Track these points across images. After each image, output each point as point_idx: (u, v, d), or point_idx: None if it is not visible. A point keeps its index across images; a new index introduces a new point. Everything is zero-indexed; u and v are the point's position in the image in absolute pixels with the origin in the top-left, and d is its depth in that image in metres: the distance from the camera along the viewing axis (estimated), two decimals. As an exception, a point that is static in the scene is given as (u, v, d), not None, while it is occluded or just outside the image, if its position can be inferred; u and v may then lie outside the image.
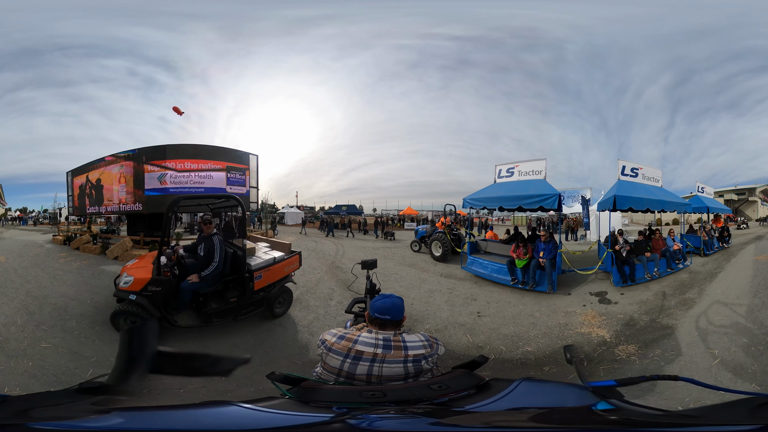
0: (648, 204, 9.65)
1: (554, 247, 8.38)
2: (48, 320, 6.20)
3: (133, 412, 1.11)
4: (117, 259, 11.65)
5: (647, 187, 9.91)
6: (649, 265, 9.22)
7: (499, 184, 10.18)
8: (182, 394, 3.89)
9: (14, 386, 4.03)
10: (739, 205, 43.02)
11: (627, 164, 9.81)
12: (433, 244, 12.08)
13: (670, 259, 10.07)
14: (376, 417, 1.08)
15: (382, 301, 1.88)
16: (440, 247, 11.87)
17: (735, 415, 1.04)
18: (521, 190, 9.25)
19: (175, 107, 16.16)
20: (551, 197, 8.31)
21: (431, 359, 1.81)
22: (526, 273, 8.41)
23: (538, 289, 8.14)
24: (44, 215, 38.49)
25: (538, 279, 8.22)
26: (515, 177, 9.91)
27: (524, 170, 9.78)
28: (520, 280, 8.49)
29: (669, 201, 10.20)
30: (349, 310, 3.43)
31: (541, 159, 9.53)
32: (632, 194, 9.15)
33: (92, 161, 16.09)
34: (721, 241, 14.83)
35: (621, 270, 8.65)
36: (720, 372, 4.23)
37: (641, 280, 8.83)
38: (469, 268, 9.93)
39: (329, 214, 30.10)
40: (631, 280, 8.69)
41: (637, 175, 9.89)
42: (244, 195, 14.79)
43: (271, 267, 5.65)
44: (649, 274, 9.04)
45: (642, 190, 9.61)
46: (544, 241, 8.39)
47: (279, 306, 5.96)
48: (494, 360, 4.99)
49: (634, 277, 8.81)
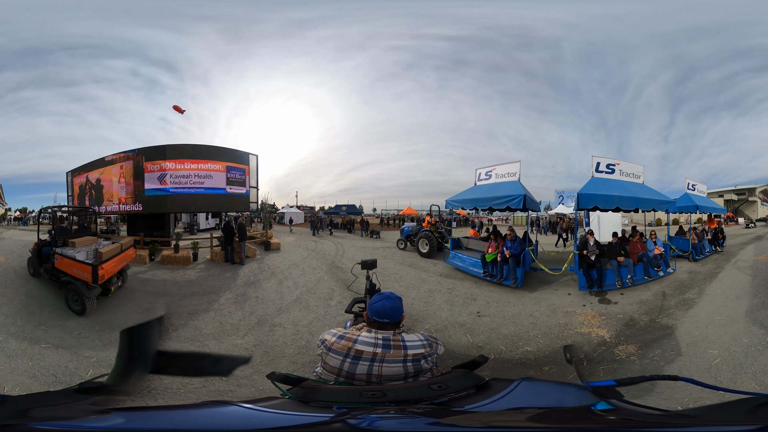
0: (618, 202, 8.82)
1: (520, 245, 8.92)
2: (48, 320, 6.20)
3: (133, 412, 1.11)
4: (117, 259, 11.65)
5: (624, 183, 9.25)
6: (622, 270, 8.50)
7: (478, 186, 10.87)
8: (182, 394, 3.90)
9: (14, 386, 4.04)
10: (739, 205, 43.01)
11: (602, 160, 9.38)
12: (420, 241, 12.88)
13: (648, 265, 9.03)
14: (377, 417, 1.08)
15: (380, 304, 1.88)
16: (426, 244, 12.64)
17: (734, 415, 1.04)
18: (492, 192, 9.87)
19: (175, 106, 16.14)
20: (516, 198, 8.86)
21: (431, 358, 1.81)
22: (494, 267, 9.04)
23: (504, 282, 8.67)
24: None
25: (505, 274, 8.74)
26: (492, 179, 10.54)
27: (500, 173, 10.37)
28: (490, 273, 9.11)
29: (645, 198, 9.25)
30: (349, 310, 3.43)
31: (515, 162, 9.98)
32: (599, 192, 8.66)
33: (92, 161, 16.10)
34: (714, 244, 13.36)
35: (587, 274, 8.26)
36: (720, 372, 4.23)
37: (610, 287, 8.23)
38: (450, 262, 10.79)
39: (329, 214, 30.27)
40: (598, 285, 8.18)
41: (613, 171, 9.39)
42: (244, 195, 14.79)
43: (64, 258, 7.14)
44: (620, 281, 8.33)
45: (616, 187, 8.99)
46: (511, 240, 8.99)
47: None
48: (494, 360, 4.99)
49: (602, 282, 8.26)
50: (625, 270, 8.54)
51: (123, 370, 1.30)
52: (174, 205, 13.46)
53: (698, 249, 11.73)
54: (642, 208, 9.91)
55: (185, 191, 13.15)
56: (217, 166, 13.76)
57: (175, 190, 13.02)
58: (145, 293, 8.30)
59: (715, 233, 14.17)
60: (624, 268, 8.54)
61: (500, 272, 8.83)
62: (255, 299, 7.78)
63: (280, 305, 7.37)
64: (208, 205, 14.73)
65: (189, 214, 23.14)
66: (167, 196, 13.00)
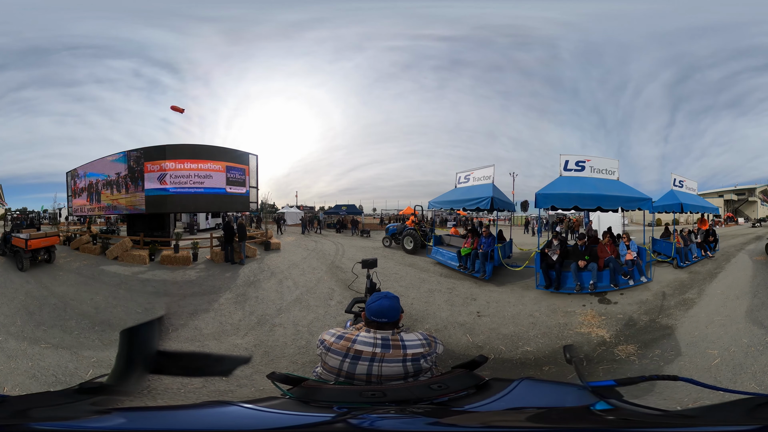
0: (576, 200, 8.54)
1: (492, 242, 9.66)
2: (48, 320, 6.21)
3: (134, 413, 1.11)
4: (117, 259, 11.65)
5: (590, 181, 8.99)
6: (584, 275, 8.09)
7: (457, 188, 11.66)
8: (182, 394, 3.90)
9: (14, 386, 4.04)
10: (739, 206, 43.02)
11: (571, 158, 9.23)
12: (405, 239, 13.80)
13: (615, 272, 8.21)
14: (377, 417, 1.08)
15: (377, 304, 1.88)
16: (411, 242, 13.52)
17: (734, 415, 1.04)
18: (467, 194, 10.61)
19: (173, 106, 16.03)
20: (485, 199, 9.62)
21: (430, 358, 1.81)
22: (468, 260, 9.77)
23: (474, 275, 9.38)
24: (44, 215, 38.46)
25: (477, 267, 9.39)
26: (470, 182, 11.25)
27: (477, 176, 11.06)
28: (464, 266, 9.86)
29: (609, 195, 8.65)
30: (349, 309, 3.42)
31: (490, 166, 10.72)
32: (558, 191, 8.61)
33: (92, 161, 16.10)
34: (704, 249, 11.75)
35: (546, 273, 8.23)
36: (719, 372, 4.23)
37: (568, 291, 8.01)
38: (432, 257, 11.82)
39: (328, 213, 30.34)
40: (555, 287, 8.06)
41: (583, 168, 9.17)
42: (244, 195, 14.79)
43: (15, 238, 10.62)
44: (579, 285, 7.97)
45: (579, 184, 8.80)
46: (485, 236, 9.78)
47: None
48: (494, 360, 4.99)
49: (559, 284, 8.11)
50: (588, 275, 8.10)
51: (123, 370, 1.31)
52: (174, 205, 13.47)
53: (683, 254, 10.46)
54: (605, 207, 9.23)
55: (185, 191, 13.15)
56: (217, 166, 13.76)
57: (175, 190, 13.02)
58: (146, 293, 8.31)
59: (706, 235, 12.57)
60: (587, 273, 8.13)
61: (473, 265, 9.55)
62: (255, 299, 7.78)
63: (280, 305, 7.37)
64: (208, 205, 14.73)
65: (189, 214, 23.13)
66: (167, 196, 13.01)
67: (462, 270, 9.87)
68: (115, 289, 8.39)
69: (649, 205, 8.98)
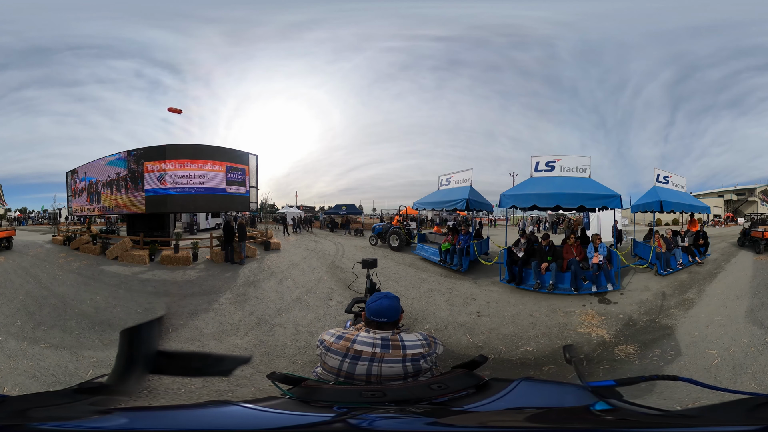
0: (535, 200, 8.62)
1: (469, 239, 10.66)
2: (48, 320, 6.21)
3: (134, 413, 1.11)
4: (117, 259, 11.65)
5: (556, 180, 8.95)
6: (545, 276, 8.21)
7: (439, 191, 12.51)
8: (183, 394, 3.90)
9: (14, 386, 4.04)
10: (739, 206, 42.93)
11: (542, 158, 9.32)
12: (391, 237, 14.84)
13: (576, 276, 7.98)
14: (377, 417, 1.08)
15: (377, 303, 1.88)
16: (397, 240, 14.60)
17: (734, 415, 1.04)
18: (447, 196, 11.41)
19: (170, 108, 15.92)
20: (461, 201, 10.44)
21: (430, 358, 1.81)
22: (447, 255, 10.71)
23: (452, 268, 10.33)
24: (44, 215, 38.45)
25: (456, 261, 10.29)
26: (451, 185, 11.98)
27: (457, 179, 11.78)
28: (443, 260, 10.78)
29: (570, 194, 8.44)
30: (349, 309, 3.42)
31: (468, 170, 11.41)
32: (519, 192, 8.94)
33: (93, 161, 16.10)
34: (692, 254, 10.41)
35: (509, 268, 8.77)
36: (719, 372, 4.23)
37: (526, 287, 8.32)
38: (417, 252, 12.73)
39: (328, 213, 30.36)
40: (516, 282, 8.43)
41: (553, 168, 9.17)
42: (244, 195, 14.79)
43: None
44: (539, 282, 8.17)
45: (543, 184, 8.86)
46: (464, 234, 10.79)
47: None
48: (494, 360, 4.99)
49: (521, 280, 8.45)
50: (549, 275, 8.21)
51: (123, 370, 1.30)
52: (174, 205, 13.46)
53: (663, 260, 9.35)
54: (564, 205, 8.97)
55: (185, 191, 13.14)
56: (216, 167, 13.76)
57: (175, 191, 13.02)
58: (145, 293, 8.31)
59: (696, 238, 11.21)
60: (548, 273, 8.24)
61: (451, 259, 10.49)
62: (255, 299, 7.78)
63: (280, 305, 7.37)
64: (208, 206, 14.73)
65: (189, 214, 23.13)
66: (167, 196, 13.00)
67: (442, 264, 10.73)
68: (115, 289, 8.39)
69: (618, 203, 8.44)
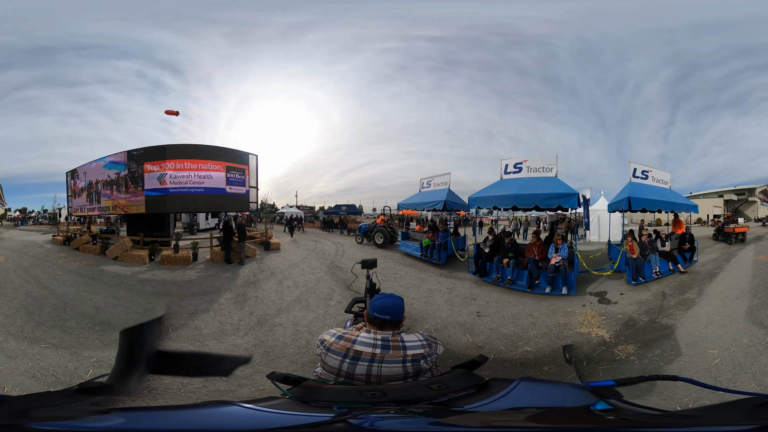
0: (496, 201, 9.11)
1: (446, 235, 11.78)
2: (48, 320, 6.21)
3: (134, 413, 1.11)
4: (117, 259, 11.65)
5: (521, 181, 9.09)
6: (506, 271, 8.70)
7: (421, 192, 13.38)
8: (182, 394, 3.90)
9: (14, 386, 4.04)
10: (739, 206, 42.89)
11: (510, 161, 9.57)
12: (376, 235, 15.86)
13: (530, 276, 8.07)
14: (377, 417, 1.08)
15: (382, 301, 1.88)
16: (381, 237, 15.60)
17: (734, 415, 1.04)
18: (428, 197, 12.30)
19: (167, 110, 15.88)
20: (439, 202, 11.26)
21: (430, 359, 1.81)
22: (428, 250, 11.69)
23: (431, 260, 11.32)
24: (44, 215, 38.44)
25: (435, 255, 11.28)
26: (432, 187, 12.76)
27: (437, 182, 12.53)
28: (424, 254, 11.78)
29: (524, 194, 8.51)
30: (349, 309, 3.42)
31: (446, 173, 12.14)
32: (485, 194, 9.39)
33: (93, 161, 16.10)
34: (673, 260, 9.17)
35: (476, 261, 9.54)
36: (719, 372, 4.23)
37: (486, 279, 9.10)
38: (402, 249, 13.64)
39: (328, 213, 30.41)
40: (480, 275, 9.29)
41: (521, 170, 9.35)
42: (244, 195, 14.78)
43: None
44: (499, 276, 8.76)
45: (509, 186, 9.10)
46: (442, 231, 12.00)
47: None
48: (494, 360, 4.99)
49: (484, 273, 9.30)
50: (507, 270, 8.70)
51: (123, 370, 1.30)
52: (174, 205, 13.45)
53: (633, 267, 8.38)
54: (520, 206, 9.18)
55: (185, 191, 13.13)
56: (216, 167, 13.75)
57: (175, 190, 13.01)
58: (145, 293, 8.31)
59: (681, 242, 9.93)
60: (507, 269, 8.72)
61: (431, 254, 11.49)
62: (255, 299, 7.78)
63: (280, 305, 7.37)
64: (208, 205, 14.71)
65: (189, 214, 23.12)
66: (167, 196, 12.99)
67: (423, 258, 11.74)
68: (115, 289, 8.39)
69: (573, 203, 8.06)
